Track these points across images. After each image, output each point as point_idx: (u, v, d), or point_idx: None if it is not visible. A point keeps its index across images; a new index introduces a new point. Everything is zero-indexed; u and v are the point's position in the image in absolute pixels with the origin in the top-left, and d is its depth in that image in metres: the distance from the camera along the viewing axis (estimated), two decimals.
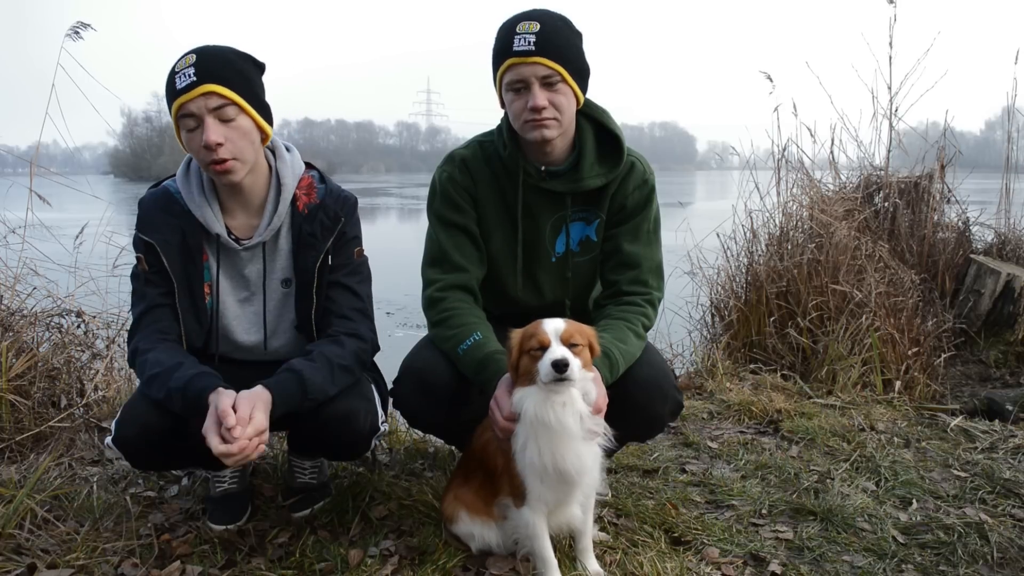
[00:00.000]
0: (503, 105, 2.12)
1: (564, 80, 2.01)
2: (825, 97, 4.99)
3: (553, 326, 1.73)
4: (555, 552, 1.89)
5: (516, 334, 1.78)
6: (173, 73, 1.87)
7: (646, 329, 2.15)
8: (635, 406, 2.03)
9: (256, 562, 2.02)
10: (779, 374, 3.85)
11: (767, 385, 3.67)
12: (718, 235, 4.63)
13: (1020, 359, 4.31)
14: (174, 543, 2.10)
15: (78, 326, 3.32)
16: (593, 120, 2.20)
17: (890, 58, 4.91)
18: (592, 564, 1.95)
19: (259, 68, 2.00)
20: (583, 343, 1.75)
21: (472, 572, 1.97)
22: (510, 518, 1.89)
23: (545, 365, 1.66)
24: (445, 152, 2.31)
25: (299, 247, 2.09)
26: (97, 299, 3.45)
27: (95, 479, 2.53)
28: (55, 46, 3.19)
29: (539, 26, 1.97)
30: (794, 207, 4.59)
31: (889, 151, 5.15)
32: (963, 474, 2.69)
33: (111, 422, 2.02)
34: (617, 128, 2.19)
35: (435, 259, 2.21)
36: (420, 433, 2.85)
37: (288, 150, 2.14)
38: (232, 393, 1.80)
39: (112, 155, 65.31)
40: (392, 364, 2.28)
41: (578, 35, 2.07)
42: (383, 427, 2.13)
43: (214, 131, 1.86)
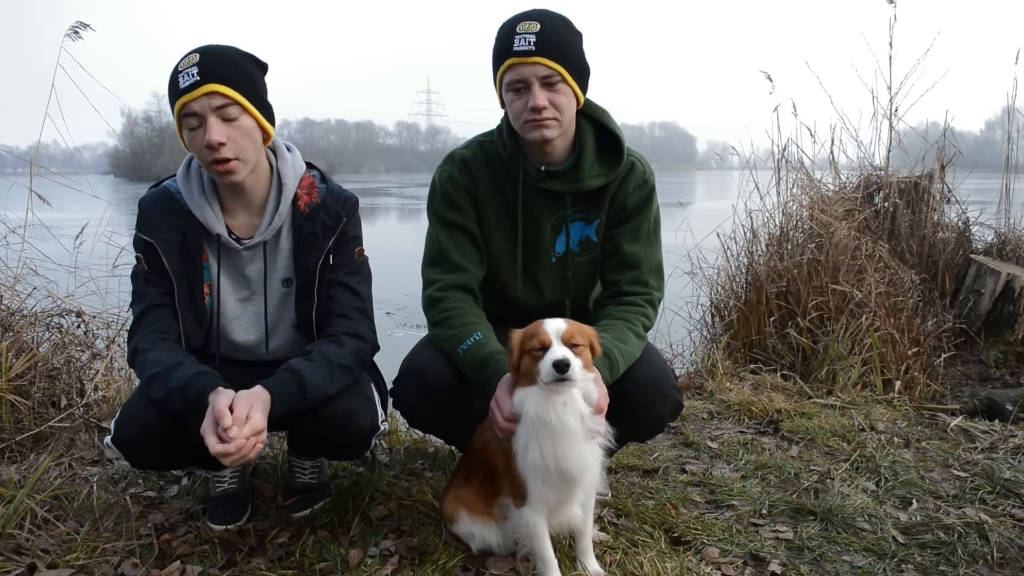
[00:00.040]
0: (503, 105, 2.12)
1: (564, 80, 2.01)
2: (825, 97, 5.00)
3: (554, 326, 1.73)
4: (555, 552, 1.89)
5: (517, 334, 1.78)
6: (176, 72, 1.87)
7: (646, 329, 2.15)
8: (635, 406, 2.03)
9: (256, 562, 2.02)
10: (779, 374, 3.85)
11: (767, 385, 3.67)
12: (718, 235, 4.63)
13: (1020, 359, 4.31)
14: (174, 543, 2.10)
15: (78, 326, 3.32)
16: (593, 120, 2.20)
17: (890, 58, 4.92)
18: (592, 564, 1.95)
19: (262, 68, 2.00)
20: (584, 343, 1.75)
21: (472, 572, 1.97)
22: (510, 518, 1.89)
23: (546, 365, 1.66)
24: (445, 152, 2.31)
25: (300, 246, 2.09)
26: (97, 299, 3.45)
27: (95, 479, 2.53)
28: (55, 46, 3.20)
29: (539, 26, 1.97)
30: (794, 207, 4.59)
31: (889, 151, 5.15)
32: (963, 474, 2.69)
33: (111, 422, 2.02)
34: (617, 128, 2.19)
35: (435, 259, 2.21)
36: (420, 433, 2.85)
37: (289, 150, 2.14)
38: (230, 393, 1.80)
39: (112, 155, 65.34)
40: (392, 364, 2.28)
41: (578, 35, 2.07)
42: (383, 426, 2.14)
43: (217, 131, 1.86)
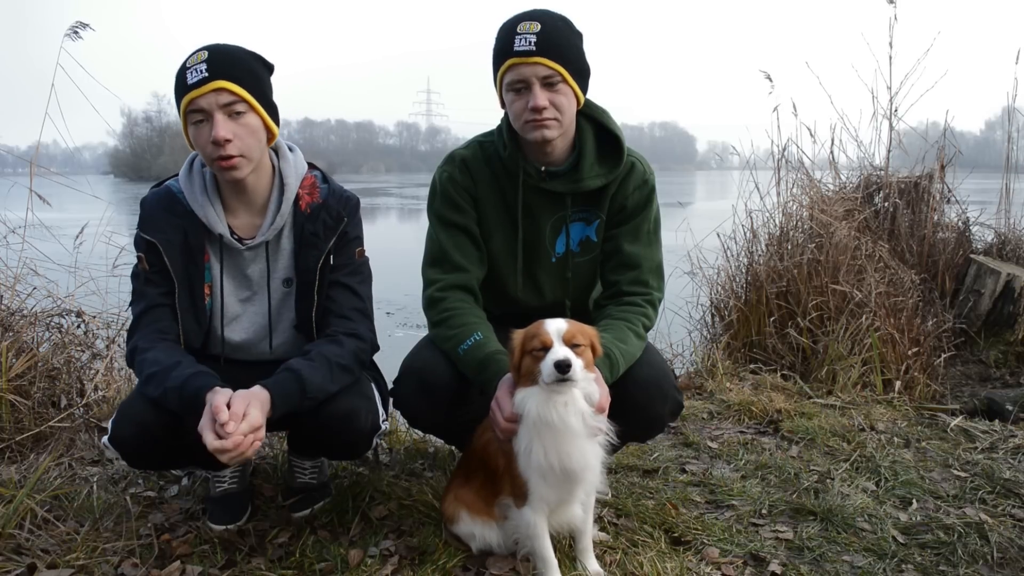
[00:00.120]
0: (503, 105, 2.13)
1: (565, 80, 2.01)
2: (825, 97, 5.00)
3: (555, 326, 1.72)
4: (555, 552, 1.89)
5: (518, 334, 1.78)
6: (184, 68, 1.87)
7: (646, 329, 2.15)
8: (635, 406, 2.03)
9: (256, 562, 2.02)
10: (779, 374, 3.85)
11: (767, 385, 3.67)
12: (718, 235, 4.63)
13: (1020, 359, 4.31)
14: (174, 543, 2.10)
15: (78, 326, 3.32)
16: (593, 120, 2.20)
17: (890, 58, 4.92)
18: (592, 564, 1.95)
19: (268, 69, 2.01)
20: (585, 343, 1.75)
21: (472, 572, 1.97)
22: (511, 518, 1.89)
23: (547, 366, 1.66)
24: (445, 152, 2.31)
25: (301, 246, 2.10)
26: (97, 299, 3.45)
27: (95, 479, 2.53)
28: (55, 46, 3.20)
29: (540, 26, 1.97)
30: (794, 207, 4.59)
31: (889, 151, 5.15)
32: (963, 474, 2.69)
33: (110, 421, 2.02)
34: (617, 128, 2.19)
35: (435, 259, 2.21)
36: (420, 433, 2.85)
37: (291, 150, 2.14)
38: (228, 392, 1.80)
39: (112, 155, 65.38)
40: (392, 364, 2.28)
41: (579, 35, 2.07)
42: (384, 425, 2.14)
43: (223, 127, 1.86)
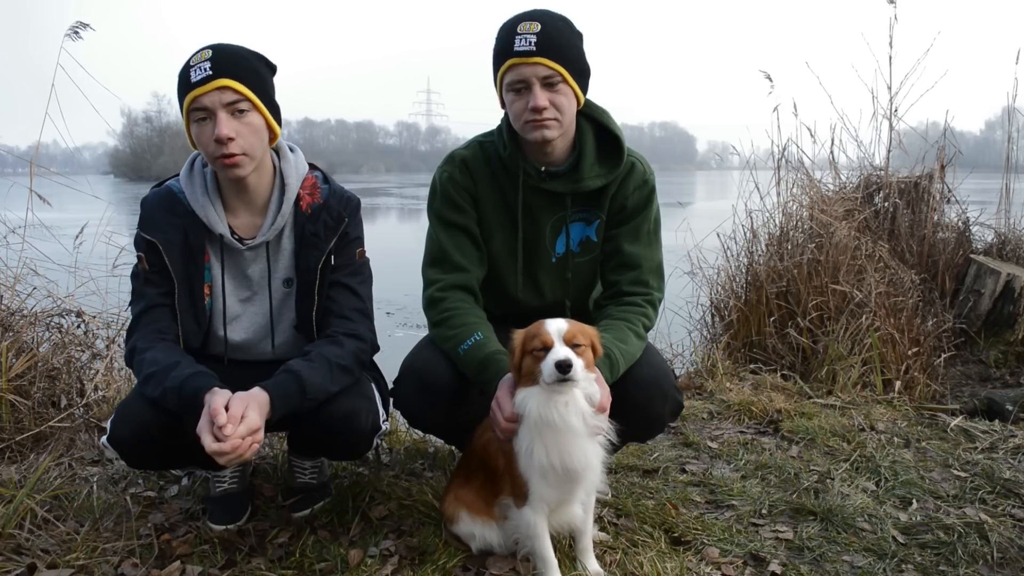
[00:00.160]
0: (503, 105, 2.12)
1: (565, 80, 2.01)
2: (825, 97, 5.00)
3: (556, 326, 1.73)
4: (555, 552, 1.89)
5: (519, 335, 1.78)
6: (187, 67, 1.87)
7: (647, 329, 2.15)
8: (635, 406, 2.03)
9: (256, 562, 2.02)
10: (779, 374, 3.86)
11: (767, 385, 3.67)
12: (718, 235, 4.63)
13: (1020, 359, 4.31)
14: (174, 543, 2.10)
15: (78, 326, 3.32)
16: (593, 120, 2.19)
17: (890, 58, 4.92)
18: (592, 564, 1.95)
19: (271, 69, 2.02)
20: (586, 343, 1.75)
21: (472, 572, 1.97)
22: (511, 518, 1.89)
23: (548, 366, 1.66)
24: (445, 152, 2.31)
25: (301, 247, 2.10)
26: (97, 299, 3.45)
27: (95, 479, 2.53)
28: (55, 46, 3.20)
29: (540, 26, 1.97)
30: (794, 207, 4.59)
31: (889, 151, 5.15)
32: (963, 474, 2.69)
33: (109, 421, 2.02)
34: (617, 128, 2.19)
35: (435, 259, 2.21)
36: (420, 433, 2.85)
37: (292, 150, 2.14)
38: (227, 393, 1.80)
39: (112, 155, 65.37)
40: (392, 364, 2.28)
41: (579, 35, 2.07)
42: (384, 426, 2.14)
43: (226, 125, 1.87)
